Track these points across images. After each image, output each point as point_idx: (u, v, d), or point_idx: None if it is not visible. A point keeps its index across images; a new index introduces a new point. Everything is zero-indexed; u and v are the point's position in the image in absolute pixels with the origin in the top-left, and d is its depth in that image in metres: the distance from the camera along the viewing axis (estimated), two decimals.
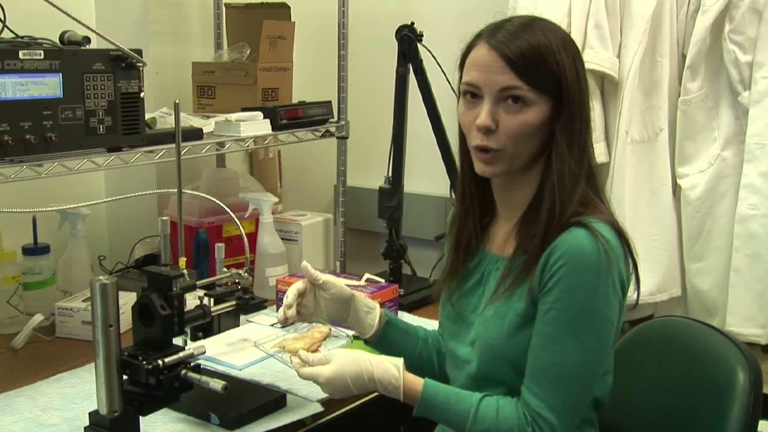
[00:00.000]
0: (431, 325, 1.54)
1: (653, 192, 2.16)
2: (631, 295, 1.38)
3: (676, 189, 2.16)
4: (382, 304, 2.02)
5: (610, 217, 1.34)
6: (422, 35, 2.23)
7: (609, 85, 2.15)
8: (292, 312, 1.48)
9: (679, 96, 2.10)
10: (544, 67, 1.31)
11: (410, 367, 1.44)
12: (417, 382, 1.37)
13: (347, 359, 1.37)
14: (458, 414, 1.34)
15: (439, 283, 1.53)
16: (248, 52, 2.40)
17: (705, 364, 1.50)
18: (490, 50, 1.32)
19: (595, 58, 2.07)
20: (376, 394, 1.45)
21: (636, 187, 2.16)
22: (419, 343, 1.59)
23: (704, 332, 1.56)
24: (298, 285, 1.51)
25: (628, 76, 2.07)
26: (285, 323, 1.50)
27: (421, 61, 2.23)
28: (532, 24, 1.35)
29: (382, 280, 2.15)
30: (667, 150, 2.14)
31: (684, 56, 2.10)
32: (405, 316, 2.13)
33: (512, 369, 1.36)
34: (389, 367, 1.37)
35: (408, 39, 2.22)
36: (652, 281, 2.14)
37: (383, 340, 1.56)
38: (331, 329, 1.55)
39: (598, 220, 1.31)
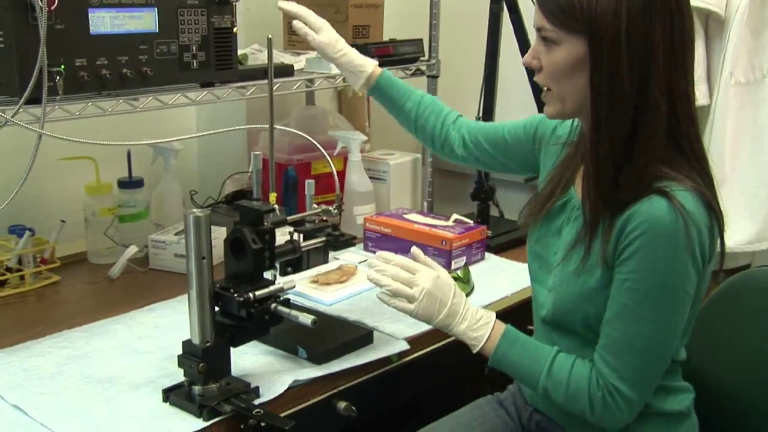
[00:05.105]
0: (521, 268, 1.52)
1: (756, 137, 2.07)
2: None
3: None
4: (470, 245, 2.02)
5: (698, 185, 1.26)
6: None
7: (714, 24, 2.05)
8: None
9: None
10: (569, 6, 1.25)
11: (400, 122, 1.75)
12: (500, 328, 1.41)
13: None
14: (535, 361, 1.37)
15: (526, 213, 1.50)
16: None
17: None
18: None
19: None
20: None
21: (738, 132, 2.07)
22: (413, 107, 1.71)
23: None
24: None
25: (735, 14, 1.97)
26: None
27: None
28: None
29: (470, 221, 2.13)
30: None
31: None
32: (492, 259, 2.11)
33: (585, 326, 1.36)
34: (483, 312, 1.42)
35: None
36: (751, 229, 2.07)
37: (373, 94, 1.75)
38: (357, 267, 1.66)
39: (684, 188, 1.24)
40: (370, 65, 1.72)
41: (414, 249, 1.47)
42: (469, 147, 1.68)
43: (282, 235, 1.47)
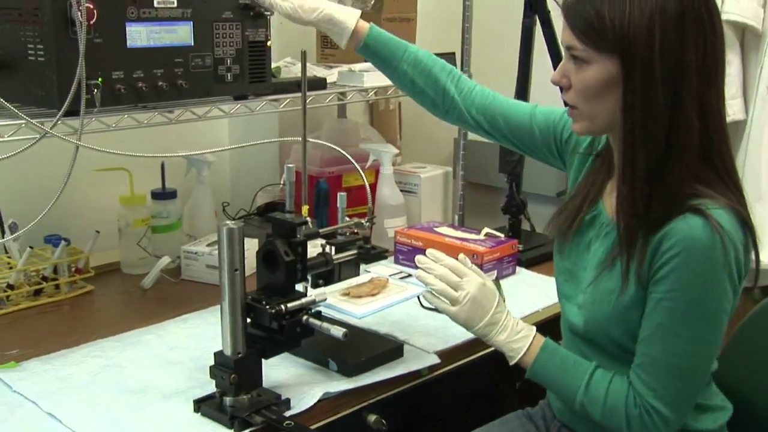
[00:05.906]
0: (553, 282, 1.51)
1: None
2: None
3: None
4: (501, 259, 2.01)
5: (733, 203, 1.25)
6: None
7: (750, 38, 2.04)
8: None
9: None
10: (600, 25, 1.22)
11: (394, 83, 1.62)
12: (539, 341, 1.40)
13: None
14: (573, 376, 1.35)
15: (554, 228, 1.47)
16: (372, 2, 2.38)
17: None
18: (563, 10, 1.29)
19: (737, 8, 1.96)
20: (492, 349, 1.45)
21: None
22: (407, 69, 1.56)
23: None
24: None
25: None
26: None
27: (549, 12, 2.16)
28: None
29: (501, 235, 2.12)
30: None
31: None
32: (524, 273, 2.10)
33: (615, 343, 1.35)
34: (524, 324, 1.41)
35: None
36: None
37: (362, 54, 1.59)
38: (389, 280, 1.62)
39: (719, 206, 1.23)
40: (351, 20, 1.54)
41: (462, 256, 1.46)
42: (481, 122, 1.59)
43: (314, 248, 1.48)
